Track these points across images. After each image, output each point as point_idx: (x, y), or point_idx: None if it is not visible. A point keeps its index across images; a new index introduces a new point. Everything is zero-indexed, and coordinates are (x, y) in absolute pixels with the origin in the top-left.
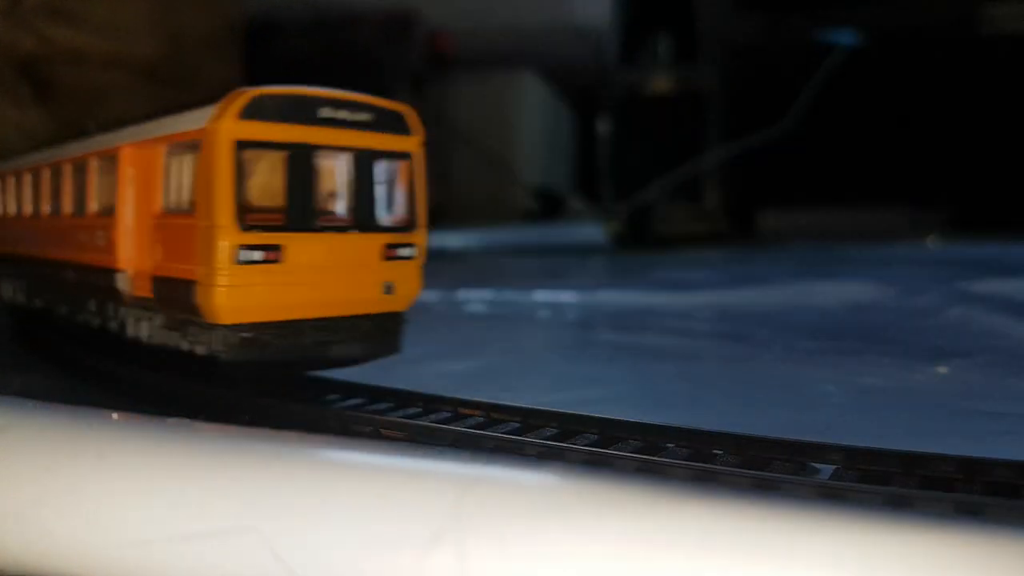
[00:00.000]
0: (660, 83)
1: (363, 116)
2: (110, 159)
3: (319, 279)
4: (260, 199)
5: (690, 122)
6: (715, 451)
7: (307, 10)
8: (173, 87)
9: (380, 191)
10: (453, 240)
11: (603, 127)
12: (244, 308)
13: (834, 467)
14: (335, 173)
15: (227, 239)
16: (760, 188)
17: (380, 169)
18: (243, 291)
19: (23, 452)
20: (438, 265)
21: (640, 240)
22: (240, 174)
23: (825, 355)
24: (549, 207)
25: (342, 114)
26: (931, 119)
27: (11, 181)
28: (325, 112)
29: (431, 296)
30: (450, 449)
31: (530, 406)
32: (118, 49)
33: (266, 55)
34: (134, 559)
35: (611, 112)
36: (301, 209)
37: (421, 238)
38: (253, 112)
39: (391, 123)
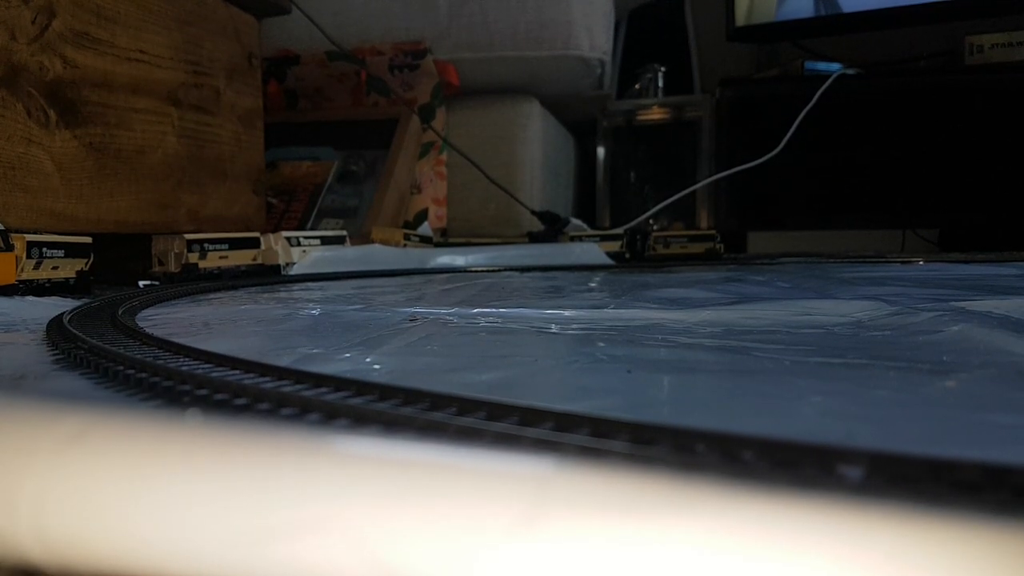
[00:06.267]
0: (656, 112)
1: None
2: None
3: None
4: None
5: (685, 148)
6: (744, 453)
7: (323, 42)
8: (195, 113)
9: None
10: (461, 258)
11: (602, 153)
12: None
13: (863, 471)
14: None
15: None
16: (753, 211)
17: None
18: None
19: (105, 456)
20: (449, 282)
21: (638, 260)
22: None
23: (833, 368)
24: (551, 228)
25: None
26: (918, 144)
27: None
28: None
29: (448, 311)
30: (527, 447)
31: (571, 411)
32: (142, 75)
33: (284, 84)
34: (224, 557)
35: (610, 139)
36: None
37: None
38: None
39: None
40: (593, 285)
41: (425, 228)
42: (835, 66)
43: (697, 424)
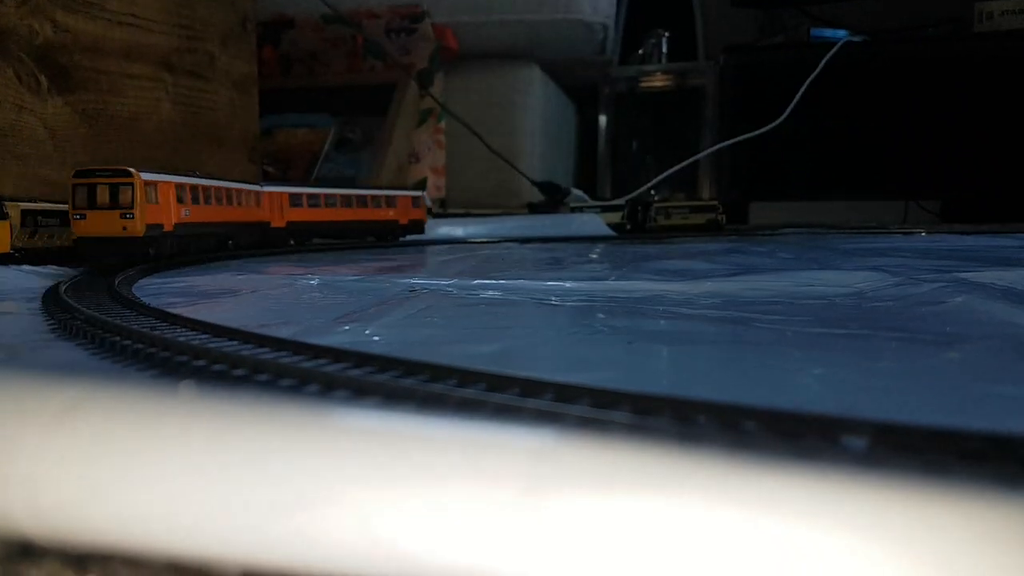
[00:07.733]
0: (659, 79)
1: None
2: None
3: None
4: None
5: (688, 117)
6: (746, 423)
7: (318, 5)
8: (189, 78)
9: None
10: (460, 229)
11: (604, 121)
12: None
13: (866, 441)
14: None
15: None
16: (755, 181)
17: None
18: None
19: (102, 427)
20: (448, 253)
21: (639, 231)
22: None
23: (836, 339)
24: (552, 198)
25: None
26: (924, 114)
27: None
28: None
29: (448, 283)
30: (527, 419)
31: (575, 383)
32: (135, 39)
33: (278, 48)
34: (221, 531)
35: (612, 106)
36: None
37: None
38: None
39: None
40: (594, 256)
41: (423, 198)
42: (841, 33)
43: (707, 392)
